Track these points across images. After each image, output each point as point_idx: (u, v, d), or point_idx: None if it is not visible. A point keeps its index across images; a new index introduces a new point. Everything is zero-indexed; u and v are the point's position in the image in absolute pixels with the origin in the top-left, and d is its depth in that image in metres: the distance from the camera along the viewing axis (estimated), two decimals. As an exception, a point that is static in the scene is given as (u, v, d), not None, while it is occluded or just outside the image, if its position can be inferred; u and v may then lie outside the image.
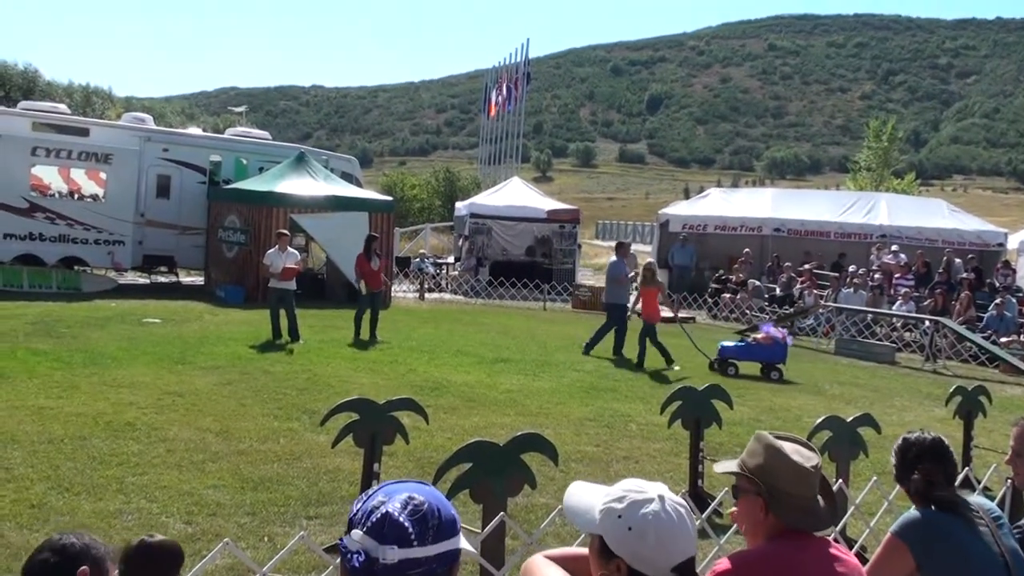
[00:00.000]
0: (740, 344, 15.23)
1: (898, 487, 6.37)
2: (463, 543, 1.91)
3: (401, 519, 1.80)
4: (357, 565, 1.82)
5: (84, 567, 2.70)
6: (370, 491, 1.94)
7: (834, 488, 6.10)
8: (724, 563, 2.81)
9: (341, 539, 1.90)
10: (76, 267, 21.42)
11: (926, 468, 3.68)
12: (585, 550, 2.36)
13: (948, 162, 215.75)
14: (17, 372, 10.95)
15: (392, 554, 1.79)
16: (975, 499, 3.76)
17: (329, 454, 7.82)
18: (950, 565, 3.52)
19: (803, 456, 2.88)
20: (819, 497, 2.93)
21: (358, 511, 1.89)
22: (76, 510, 6.37)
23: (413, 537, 1.80)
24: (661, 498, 2.18)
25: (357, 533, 1.83)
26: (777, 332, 15.17)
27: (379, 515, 1.81)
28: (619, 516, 2.17)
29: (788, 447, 2.90)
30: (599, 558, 2.23)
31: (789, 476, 2.84)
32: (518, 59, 52.04)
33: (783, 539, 2.86)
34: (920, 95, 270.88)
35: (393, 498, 1.86)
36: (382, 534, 1.80)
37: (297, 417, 9.67)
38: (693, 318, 23.49)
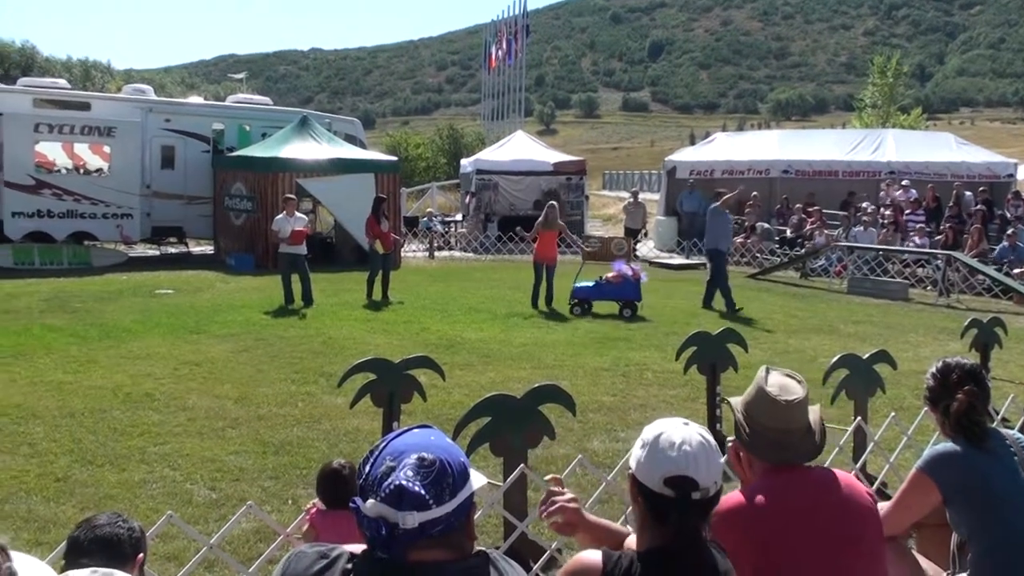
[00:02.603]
0: (592, 284, 15.09)
1: (917, 421, 6.42)
2: (476, 483, 1.93)
3: (416, 488, 1.81)
4: (378, 535, 1.83)
5: (142, 555, 2.83)
6: (375, 451, 1.92)
7: (852, 425, 6.15)
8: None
9: (354, 500, 1.90)
10: (86, 242, 21.43)
11: (970, 391, 3.66)
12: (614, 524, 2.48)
13: (954, 95, 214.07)
14: (34, 348, 11.01)
15: (412, 519, 1.81)
16: (1009, 432, 3.75)
17: (348, 415, 7.86)
18: (976, 500, 3.52)
19: (784, 390, 2.94)
20: (812, 432, 2.97)
21: (367, 476, 1.88)
22: (101, 482, 6.43)
23: (431, 500, 1.81)
24: (684, 424, 2.40)
25: (372, 503, 1.83)
26: (628, 270, 15.01)
27: (394, 487, 1.81)
28: (640, 436, 2.45)
29: (773, 380, 2.98)
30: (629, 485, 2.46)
31: (763, 409, 2.94)
32: (516, 12, 51.64)
33: (769, 475, 2.92)
34: (924, 28, 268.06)
35: (403, 463, 1.85)
36: (399, 503, 1.81)
37: (314, 380, 9.71)
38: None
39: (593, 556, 2.34)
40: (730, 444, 3.11)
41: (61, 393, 8.90)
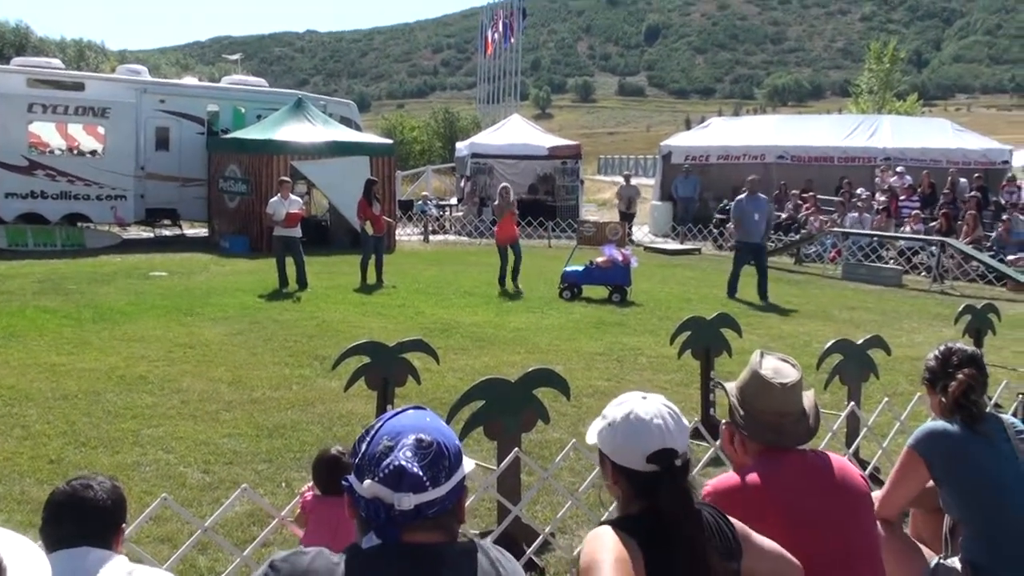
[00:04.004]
0: (581, 269, 15.09)
1: (910, 407, 6.44)
2: (467, 467, 1.94)
3: (415, 469, 1.81)
4: (374, 516, 1.83)
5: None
6: (371, 431, 1.92)
7: (845, 411, 6.17)
8: (707, 488, 2.89)
9: (347, 478, 1.90)
10: (79, 224, 21.36)
11: (970, 372, 3.69)
12: None
13: (951, 81, 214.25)
14: (28, 330, 10.99)
15: (408, 500, 1.81)
16: (1007, 417, 3.77)
17: (342, 398, 7.87)
18: (967, 481, 3.54)
19: (778, 374, 2.97)
20: (807, 415, 3.00)
21: (364, 455, 1.88)
22: (94, 464, 6.42)
23: (427, 482, 1.81)
24: (643, 398, 2.43)
25: (368, 483, 1.83)
26: (618, 255, 15.00)
27: (392, 467, 1.81)
28: (603, 417, 2.47)
29: (767, 364, 3.01)
30: (601, 469, 2.49)
31: (757, 392, 2.97)
32: (513, -5, 51.43)
33: (762, 457, 2.95)
34: (921, 14, 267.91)
35: (401, 443, 1.85)
36: (398, 484, 1.80)
37: (308, 363, 9.71)
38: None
39: (604, 528, 2.35)
40: (723, 426, 3.12)
41: (54, 375, 8.88)
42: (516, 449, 4.91)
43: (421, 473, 1.81)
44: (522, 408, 5.04)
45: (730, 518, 2.47)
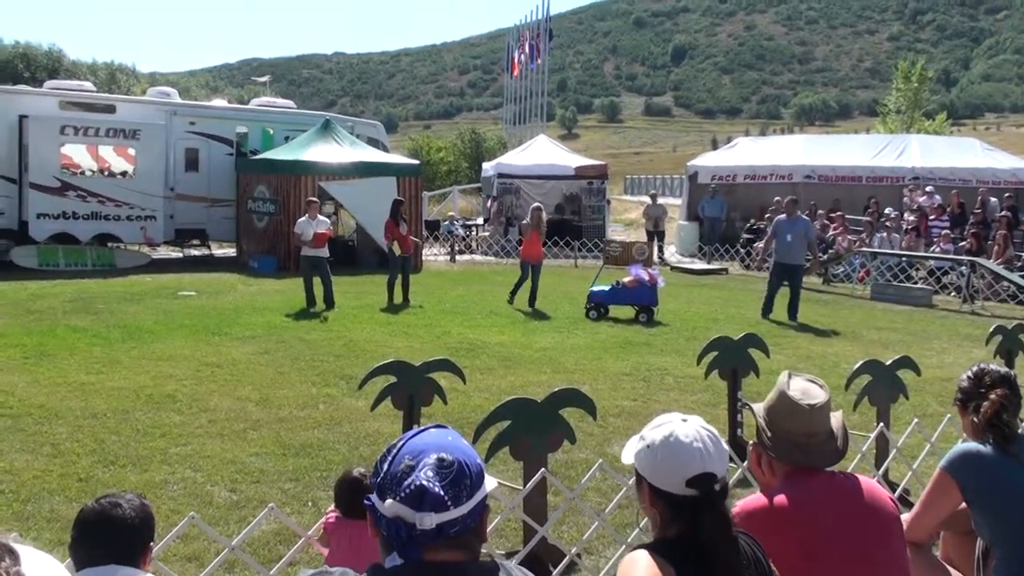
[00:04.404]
0: (608, 289, 15.02)
1: (940, 428, 6.37)
2: (489, 486, 1.93)
3: (436, 489, 1.81)
4: (396, 536, 1.83)
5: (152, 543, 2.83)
6: (393, 450, 1.92)
7: (875, 432, 6.11)
8: (735, 509, 2.86)
9: (369, 497, 1.90)
10: (110, 244, 21.56)
11: (1004, 393, 3.66)
12: None
13: (980, 100, 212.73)
14: (58, 349, 11.08)
15: (429, 520, 1.80)
16: None
17: (368, 418, 7.88)
18: (999, 503, 3.49)
19: (806, 395, 2.96)
20: (835, 437, 2.97)
21: (385, 474, 1.88)
22: (122, 482, 6.46)
23: (449, 501, 1.81)
24: (683, 420, 2.39)
25: (390, 503, 1.83)
26: (645, 274, 14.92)
27: (415, 487, 1.81)
28: (641, 438, 2.43)
29: (795, 384, 3.00)
30: (637, 491, 2.46)
31: (785, 413, 2.96)
32: (539, 16, 51.54)
33: (790, 478, 2.92)
34: (949, 33, 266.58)
35: (422, 462, 1.85)
36: (420, 504, 1.80)
37: (335, 383, 9.73)
38: (726, 269, 23.41)
39: (640, 552, 2.34)
40: (751, 447, 3.10)
41: (84, 394, 8.95)
42: (543, 469, 4.89)
43: (442, 493, 1.81)
44: (548, 428, 5.03)
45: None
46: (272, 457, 7.17)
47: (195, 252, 24.63)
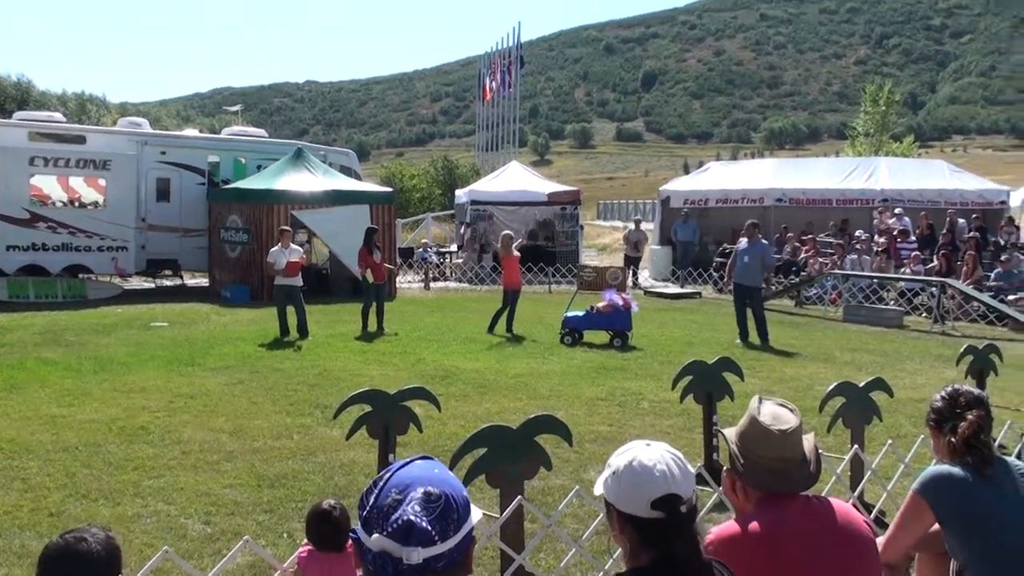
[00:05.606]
0: (582, 314, 15.10)
1: (914, 449, 6.40)
2: (475, 517, 1.92)
3: (424, 524, 1.79)
4: (383, 571, 1.81)
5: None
6: (380, 482, 1.90)
7: (849, 454, 6.14)
8: (709, 536, 2.86)
9: (354, 530, 1.88)
10: (81, 275, 21.37)
11: (979, 414, 3.68)
12: None
13: (947, 123, 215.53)
14: (28, 382, 10.97)
15: (416, 555, 1.79)
16: (1016, 461, 3.75)
17: (343, 447, 7.84)
18: (972, 526, 3.51)
19: (777, 420, 2.96)
20: (808, 461, 2.98)
21: (371, 508, 1.86)
22: (94, 516, 6.38)
23: (436, 536, 1.80)
24: (647, 445, 2.40)
25: (377, 537, 1.81)
26: (619, 299, 15.00)
27: (402, 522, 1.79)
28: (608, 466, 2.42)
29: (766, 410, 3.01)
30: (608, 520, 2.45)
31: (757, 439, 2.96)
32: (510, 43, 51.93)
33: (764, 504, 2.93)
34: (915, 57, 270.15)
35: (409, 496, 1.83)
36: (407, 539, 1.79)
37: (309, 412, 9.68)
38: (700, 293, 23.50)
39: None
40: (724, 473, 3.11)
41: (55, 427, 8.85)
42: (519, 496, 4.88)
43: (430, 528, 1.80)
44: (524, 455, 5.01)
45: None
46: (246, 488, 7.11)
47: (167, 282, 24.50)
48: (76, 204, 21.24)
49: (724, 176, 29.63)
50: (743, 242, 15.78)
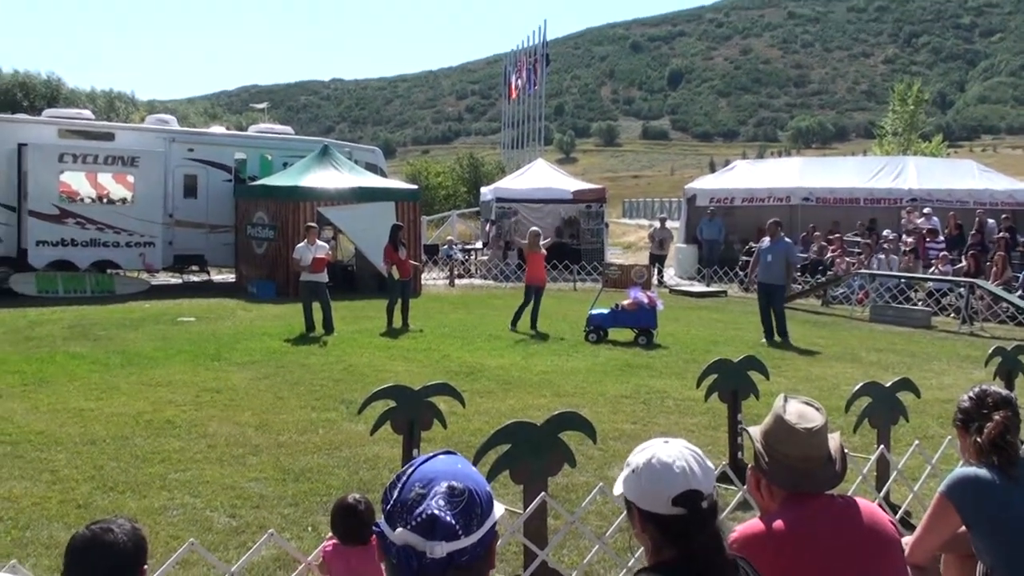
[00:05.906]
0: (607, 312, 15.03)
1: (941, 450, 6.36)
2: (498, 512, 1.92)
3: (448, 518, 1.79)
4: (406, 565, 1.81)
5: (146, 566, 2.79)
6: (403, 476, 1.90)
7: (875, 454, 6.10)
8: (733, 534, 2.85)
9: (378, 524, 1.89)
10: (109, 270, 21.58)
11: (1006, 414, 3.65)
12: None
13: (976, 122, 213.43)
14: (57, 376, 11.08)
15: (440, 549, 1.78)
16: None
17: (368, 442, 7.86)
18: (999, 528, 3.48)
19: (803, 418, 2.95)
20: (833, 460, 2.97)
21: (395, 502, 1.86)
22: (121, 508, 6.44)
23: (460, 530, 1.79)
24: (665, 442, 2.40)
25: (400, 531, 1.81)
26: (643, 297, 14.94)
27: (426, 516, 1.79)
28: (628, 464, 2.43)
29: (791, 408, 2.99)
30: (629, 518, 2.45)
31: (782, 437, 2.95)
32: (536, 41, 51.90)
33: (789, 503, 2.91)
34: (944, 56, 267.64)
35: (433, 491, 1.83)
36: (431, 533, 1.79)
37: (334, 407, 9.72)
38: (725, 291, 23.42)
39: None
40: (749, 472, 3.10)
41: (83, 420, 8.94)
42: (543, 493, 4.88)
43: (454, 522, 1.79)
44: (548, 452, 5.02)
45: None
46: (272, 482, 7.15)
47: (194, 278, 24.65)
48: (105, 200, 21.41)
49: (750, 175, 29.51)
50: (766, 241, 15.75)
